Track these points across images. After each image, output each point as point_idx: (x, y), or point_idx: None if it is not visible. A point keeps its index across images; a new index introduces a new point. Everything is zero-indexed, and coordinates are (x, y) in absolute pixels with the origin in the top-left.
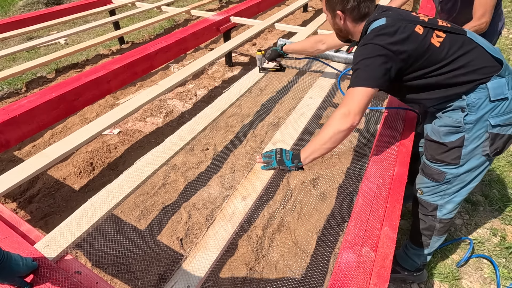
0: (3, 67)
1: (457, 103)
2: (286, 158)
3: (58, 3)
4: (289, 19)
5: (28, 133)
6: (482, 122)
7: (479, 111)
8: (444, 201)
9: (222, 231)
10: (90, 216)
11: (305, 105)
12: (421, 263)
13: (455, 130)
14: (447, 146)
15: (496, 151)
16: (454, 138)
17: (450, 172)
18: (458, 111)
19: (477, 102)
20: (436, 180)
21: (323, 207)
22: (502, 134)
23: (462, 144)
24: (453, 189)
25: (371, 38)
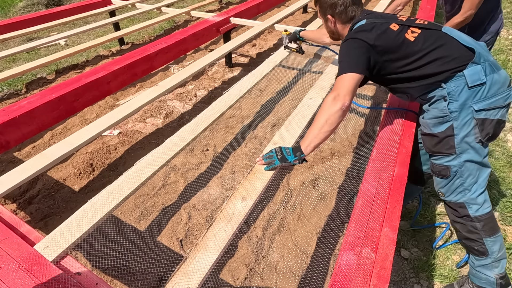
0: (3, 68)
1: (438, 93)
2: (287, 154)
3: (58, 4)
4: (289, 20)
5: (28, 134)
6: (466, 109)
7: (460, 98)
8: (467, 197)
9: (222, 232)
10: (90, 217)
11: (305, 106)
12: (497, 276)
13: (442, 120)
14: (438, 136)
15: (488, 136)
16: (444, 128)
17: (453, 164)
18: (441, 100)
19: (457, 90)
20: (445, 176)
21: (323, 208)
22: (490, 118)
23: (453, 133)
24: (468, 182)
25: (352, 35)
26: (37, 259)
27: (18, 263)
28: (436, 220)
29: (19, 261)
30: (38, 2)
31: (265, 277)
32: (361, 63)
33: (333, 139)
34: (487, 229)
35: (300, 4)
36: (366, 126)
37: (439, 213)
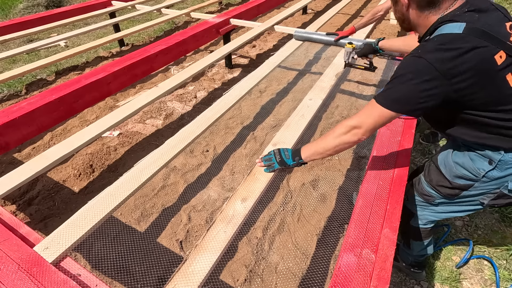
0: (3, 69)
1: (490, 153)
2: (286, 157)
3: (58, 5)
4: (288, 21)
5: (28, 135)
6: (500, 181)
7: (506, 172)
8: (421, 213)
9: (222, 233)
10: (89, 219)
11: (305, 107)
12: (413, 260)
13: (470, 178)
14: (452, 185)
15: (493, 206)
16: (463, 183)
17: (441, 201)
18: (486, 160)
19: (510, 163)
20: (425, 200)
21: (323, 209)
22: (509, 195)
23: (467, 189)
24: (436, 210)
25: (429, 51)
26: (36, 260)
27: (17, 265)
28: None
29: (18, 262)
30: (38, 4)
31: (265, 278)
32: (413, 103)
33: None
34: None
35: (299, 6)
36: None
37: None
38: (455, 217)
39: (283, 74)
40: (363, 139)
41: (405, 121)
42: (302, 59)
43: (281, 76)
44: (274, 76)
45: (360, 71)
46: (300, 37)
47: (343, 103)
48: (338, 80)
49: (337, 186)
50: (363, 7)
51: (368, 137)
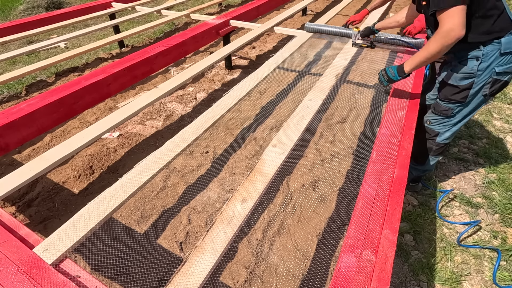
0: (3, 70)
1: (474, 53)
2: (392, 75)
3: (58, 7)
4: (288, 23)
5: (28, 136)
6: (489, 69)
7: (490, 60)
8: (444, 130)
9: (221, 234)
10: (89, 220)
11: (305, 108)
12: (416, 175)
13: (469, 76)
14: (459, 88)
15: (492, 93)
16: (467, 82)
17: (457, 109)
18: (474, 59)
19: (490, 53)
20: (444, 115)
21: (323, 210)
22: (500, 79)
23: (471, 87)
24: (454, 121)
25: None
26: (36, 262)
27: (17, 266)
28: (437, 221)
29: (18, 264)
30: (39, 5)
31: (265, 280)
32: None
33: (332, 141)
34: (437, 152)
35: (299, 7)
36: (365, 128)
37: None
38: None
39: (283, 75)
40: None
41: (404, 122)
42: (301, 60)
43: (281, 77)
44: (274, 77)
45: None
46: (311, 29)
47: (343, 104)
48: (338, 81)
49: (337, 188)
50: (362, 9)
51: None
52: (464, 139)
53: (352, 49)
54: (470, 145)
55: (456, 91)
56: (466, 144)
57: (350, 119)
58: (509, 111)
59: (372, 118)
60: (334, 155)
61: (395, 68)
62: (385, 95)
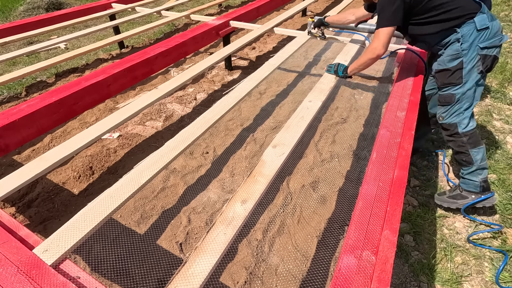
0: (3, 71)
1: (453, 37)
2: (340, 70)
3: (58, 8)
4: (288, 23)
5: (28, 137)
6: (473, 47)
7: (470, 39)
8: (460, 118)
9: (221, 235)
10: (89, 221)
11: (305, 108)
12: (481, 180)
13: (456, 56)
14: (451, 70)
15: (487, 68)
16: (456, 63)
17: (458, 91)
18: (455, 43)
19: (468, 33)
20: (449, 102)
21: (323, 210)
22: (489, 54)
23: (462, 66)
24: (464, 106)
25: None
26: (36, 263)
27: (17, 267)
28: (437, 222)
29: (18, 265)
30: (39, 6)
31: (265, 281)
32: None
33: (332, 141)
34: (471, 142)
35: (299, 8)
36: (365, 128)
37: (439, 215)
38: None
39: (283, 76)
40: (381, 54)
41: (404, 123)
42: (301, 61)
43: (280, 78)
44: (274, 78)
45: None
46: None
47: (342, 105)
48: (338, 82)
49: (337, 188)
50: None
51: (384, 51)
52: None
53: (352, 50)
54: None
55: (449, 74)
56: None
57: (350, 120)
58: (509, 112)
59: (372, 118)
60: (334, 155)
61: (344, 67)
62: (385, 95)
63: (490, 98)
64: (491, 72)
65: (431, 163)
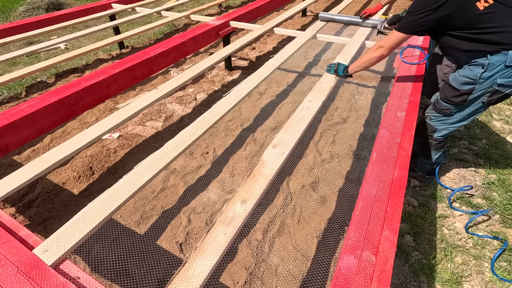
0: (3, 72)
1: (481, 60)
2: (340, 69)
3: (58, 8)
4: (288, 24)
5: (28, 137)
6: (491, 79)
7: (494, 70)
8: (442, 127)
9: (221, 235)
10: (89, 221)
11: (305, 108)
12: (429, 168)
13: (471, 82)
14: (459, 92)
15: (490, 102)
16: (467, 88)
17: (455, 110)
18: (479, 67)
19: (496, 63)
20: (443, 114)
21: (323, 211)
22: (501, 91)
23: (471, 92)
24: (451, 121)
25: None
26: (36, 263)
27: (16, 267)
28: (437, 222)
29: (17, 265)
30: (39, 6)
31: (265, 281)
32: (417, 26)
33: (332, 141)
34: (437, 147)
35: (299, 8)
36: (365, 128)
37: (439, 216)
38: (466, 122)
39: (283, 76)
40: (384, 55)
41: (404, 123)
42: (301, 61)
43: (280, 78)
44: (274, 78)
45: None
46: (325, 18)
47: (342, 105)
48: (338, 82)
49: (337, 188)
50: (362, 9)
51: (388, 54)
52: (464, 140)
53: (352, 50)
54: (470, 146)
55: (456, 94)
56: (466, 145)
57: (350, 120)
58: (509, 112)
59: (372, 119)
60: (334, 156)
61: (344, 66)
62: (385, 95)
63: None
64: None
65: None
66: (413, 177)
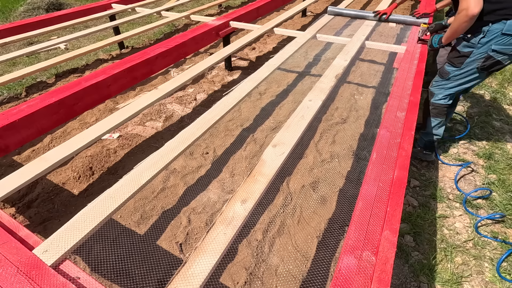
0: (3, 72)
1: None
2: (434, 42)
3: (58, 8)
4: (288, 24)
5: (28, 137)
6: (487, 45)
7: (491, 37)
8: (439, 91)
9: (221, 235)
10: (89, 221)
11: (305, 108)
12: (426, 141)
13: (470, 45)
14: (460, 53)
15: (484, 67)
16: (466, 50)
17: (452, 72)
18: (480, 33)
19: (494, 31)
20: (442, 77)
21: (323, 211)
22: (493, 57)
23: (469, 55)
24: (448, 85)
25: None
26: (35, 263)
27: (16, 268)
28: (437, 222)
29: (17, 265)
30: (39, 7)
31: (265, 281)
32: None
33: (332, 141)
34: (434, 113)
35: (299, 8)
36: (365, 128)
37: (439, 216)
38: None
39: (283, 76)
40: (475, 12)
41: (404, 124)
42: (301, 61)
43: (280, 78)
44: (274, 78)
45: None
46: (333, 12)
47: (342, 105)
48: (338, 81)
49: (337, 188)
50: (362, 9)
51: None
52: (464, 139)
53: (352, 50)
54: (470, 146)
55: (457, 55)
56: (466, 144)
57: (350, 120)
58: (508, 112)
59: (372, 119)
60: (334, 156)
61: (438, 37)
62: (385, 95)
63: (490, 99)
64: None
65: (431, 163)
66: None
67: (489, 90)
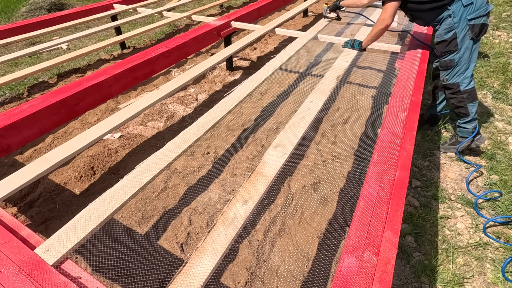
0: (6, 72)
1: (445, 14)
2: (355, 44)
3: (60, 9)
4: (289, 24)
5: (30, 137)
6: (463, 20)
7: (459, 13)
8: (461, 78)
9: (222, 235)
10: (90, 221)
11: (306, 109)
12: (472, 127)
13: (450, 29)
14: (447, 40)
15: (476, 34)
16: (450, 34)
17: (456, 57)
18: (448, 18)
19: (457, 9)
20: (450, 67)
21: (324, 211)
22: (476, 23)
23: (456, 36)
24: (463, 68)
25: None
26: (37, 263)
27: (18, 267)
28: (438, 223)
29: (19, 265)
30: (41, 7)
31: (266, 281)
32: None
33: (333, 142)
34: (470, 98)
35: (300, 8)
36: (367, 129)
37: (440, 216)
38: (473, 62)
39: (284, 77)
40: (389, 24)
41: (406, 124)
42: (303, 62)
43: (282, 79)
44: (275, 79)
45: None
46: None
47: (344, 106)
48: (339, 82)
49: (338, 189)
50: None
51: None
52: None
53: (353, 51)
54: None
55: (446, 44)
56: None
57: (351, 121)
58: (511, 112)
59: (373, 119)
60: (335, 156)
61: (358, 42)
62: (386, 96)
63: (492, 99)
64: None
65: (433, 164)
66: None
67: (491, 90)
